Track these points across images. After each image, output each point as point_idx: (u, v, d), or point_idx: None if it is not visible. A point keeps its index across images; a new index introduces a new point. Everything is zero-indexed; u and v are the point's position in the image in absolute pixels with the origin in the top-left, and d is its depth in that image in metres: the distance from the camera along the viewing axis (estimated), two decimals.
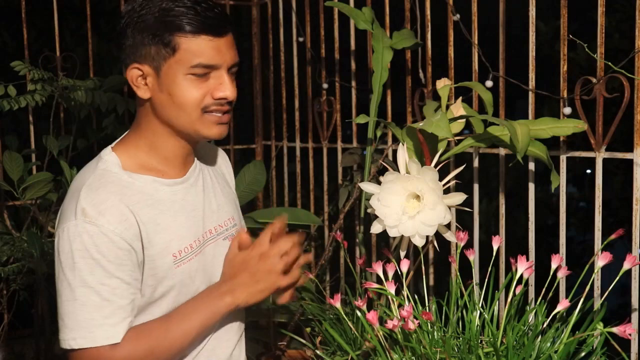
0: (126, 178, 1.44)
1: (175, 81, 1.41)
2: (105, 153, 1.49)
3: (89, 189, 1.40)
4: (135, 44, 1.41)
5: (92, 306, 1.36)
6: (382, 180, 1.55)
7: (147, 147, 1.49)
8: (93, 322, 1.36)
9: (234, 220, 1.64)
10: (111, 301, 1.37)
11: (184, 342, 1.45)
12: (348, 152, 2.41)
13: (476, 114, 1.86)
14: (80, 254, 1.36)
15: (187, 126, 1.45)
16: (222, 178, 1.69)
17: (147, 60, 1.41)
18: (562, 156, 1.88)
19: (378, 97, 1.99)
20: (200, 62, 1.40)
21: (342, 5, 2.07)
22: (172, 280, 1.46)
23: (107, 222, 1.37)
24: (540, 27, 4.53)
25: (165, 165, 1.50)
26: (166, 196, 1.48)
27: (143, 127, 1.49)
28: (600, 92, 1.77)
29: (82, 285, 1.36)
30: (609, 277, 1.56)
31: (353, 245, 2.54)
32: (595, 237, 1.81)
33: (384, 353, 1.44)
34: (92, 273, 1.36)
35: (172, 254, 1.46)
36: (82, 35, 4.23)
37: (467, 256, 1.61)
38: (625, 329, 1.33)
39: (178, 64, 1.40)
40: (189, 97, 1.42)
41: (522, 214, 4.32)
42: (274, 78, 3.05)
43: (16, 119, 3.75)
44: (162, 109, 1.44)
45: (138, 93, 1.44)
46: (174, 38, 1.39)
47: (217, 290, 1.48)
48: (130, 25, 1.41)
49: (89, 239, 1.36)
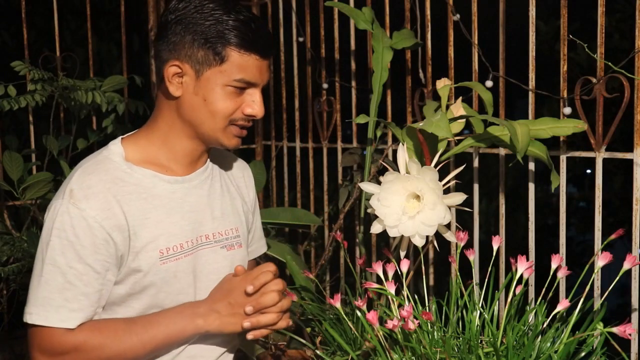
0: (125, 168, 1.46)
1: (214, 89, 1.44)
2: (114, 142, 1.51)
3: (82, 172, 1.43)
4: (183, 43, 1.43)
5: (55, 286, 1.37)
6: (382, 180, 1.55)
7: (160, 142, 1.50)
8: (52, 302, 1.37)
9: (237, 231, 1.62)
10: (75, 285, 1.37)
11: (140, 351, 1.43)
12: (348, 152, 2.41)
13: (476, 114, 1.86)
14: (57, 233, 1.37)
15: (209, 132, 1.48)
16: (236, 189, 1.68)
17: (190, 61, 1.43)
18: (562, 156, 1.88)
19: (378, 97, 1.99)
20: (244, 77, 1.44)
21: (342, 5, 2.07)
22: (156, 276, 1.45)
23: (89, 207, 1.38)
24: (540, 27, 4.53)
25: (173, 162, 1.51)
26: (164, 193, 1.49)
27: (160, 121, 1.50)
28: (600, 92, 1.77)
29: (51, 263, 1.37)
30: (609, 277, 1.56)
31: (353, 245, 2.54)
32: (595, 237, 1.81)
33: (384, 353, 1.44)
34: (64, 254, 1.37)
35: (159, 250, 1.45)
36: (82, 35, 4.24)
37: (467, 256, 1.61)
38: (625, 329, 1.32)
39: (222, 74, 1.43)
40: (222, 107, 1.45)
41: (522, 214, 4.32)
42: (274, 78, 3.05)
43: (16, 119, 3.74)
44: (191, 111, 1.46)
45: (170, 89, 1.45)
46: (226, 49, 1.42)
47: (192, 310, 1.47)
48: (182, 22, 1.42)
49: (69, 220, 1.37)
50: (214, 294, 1.50)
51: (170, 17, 1.44)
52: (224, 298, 1.47)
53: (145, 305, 1.47)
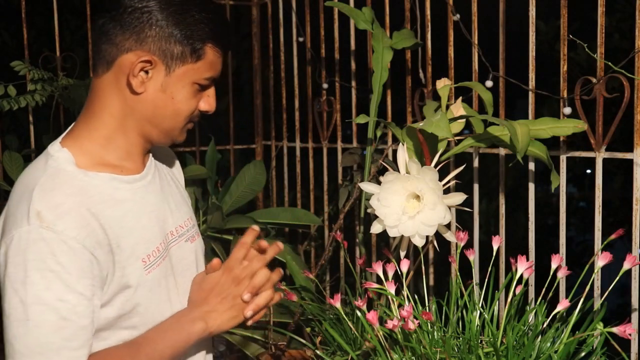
0: (82, 177, 1.30)
1: (184, 87, 1.34)
2: (55, 149, 1.32)
3: (42, 190, 1.24)
4: (156, 36, 1.30)
5: (49, 327, 1.19)
6: (382, 180, 1.55)
7: (104, 140, 1.35)
8: (50, 345, 1.19)
9: (192, 220, 1.54)
10: (71, 320, 1.20)
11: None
12: (348, 152, 2.41)
13: (476, 114, 1.86)
14: (35, 265, 1.18)
15: (168, 131, 1.38)
16: (175, 178, 1.59)
17: (163, 56, 1.31)
18: (562, 156, 1.88)
19: (378, 97, 1.98)
20: (212, 75, 1.38)
21: (342, 5, 2.07)
22: (144, 289, 1.33)
23: (67, 228, 1.21)
24: (540, 26, 4.53)
25: (124, 160, 1.37)
26: (127, 195, 1.35)
27: (105, 115, 1.34)
28: (600, 92, 1.77)
29: (37, 302, 1.18)
30: (609, 277, 1.56)
31: (353, 245, 2.54)
32: (595, 237, 1.80)
33: (384, 353, 1.44)
34: (49, 288, 1.19)
35: (142, 260, 1.33)
36: (82, 35, 4.24)
37: (467, 256, 1.61)
38: (625, 329, 1.32)
39: (194, 72, 1.34)
40: (187, 105, 1.36)
41: (522, 214, 4.32)
42: (274, 78, 3.05)
43: (16, 119, 3.75)
44: (153, 108, 1.34)
45: (132, 83, 1.31)
46: (205, 47, 1.34)
47: (188, 316, 1.37)
48: (152, 14, 1.30)
49: (46, 247, 1.19)
50: (198, 297, 1.41)
51: (137, 4, 1.30)
52: (213, 295, 1.38)
53: (138, 323, 1.34)
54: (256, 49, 3.14)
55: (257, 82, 3.16)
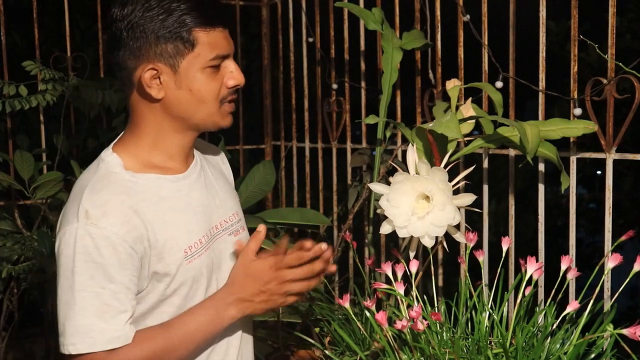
0: (129, 178, 1.43)
1: (195, 76, 1.42)
2: (106, 154, 1.48)
3: (91, 191, 1.39)
4: (148, 44, 1.39)
5: (93, 311, 1.34)
6: (391, 181, 1.55)
7: (149, 146, 1.48)
8: (93, 327, 1.34)
9: (238, 215, 1.63)
10: (112, 306, 1.35)
11: (184, 352, 1.44)
12: (357, 153, 2.41)
13: (486, 115, 1.86)
14: (82, 257, 1.34)
15: (206, 119, 1.47)
16: (221, 175, 1.68)
17: (162, 59, 1.40)
18: (572, 157, 1.87)
19: (387, 98, 1.98)
20: (218, 53, 1.43)
21: (352, 5, 2.07)
22: (184, 276, 1.45)
23: (110, 224, 1.35)
24: (550, 27, 4.52)
25: (169, 161, 1.49)
26: (170, 193, 1.47)
27: (144, 126, 1.48)
28: (611, 93, 1.76)
29: (83, 289, 1.34)
30: (619, 278, 1.56)
31: (362, 246, 2.54)
32: (605, 238, 1.80)
33: (393, 353, 1.44)
34: (93, 277, 1.34)
35: (184, 250, 1.45)
36: (92, 35, 4.25)
37: (476, 257, 1.61)
38: (636, 330, 1.32)
39: (197, 59, 1.41)
40: (209, 90, 1.44)
41: (531, 215, 4.31)
42: (283, 78, 3.06)
43: (27, 118, 3.76)
44: (179, 106, 1.44)
45: (152, 93, 1.42)
46: (192, 33, 1.39)
47: (224, 300, 1.47)
48: (137, 26, 1.39)
49: (91, 242, 1.34)
50: (240, 281, 1.48)
51: (121, 25, 1.40)
52: (253, 285, 1.46)
53: (177, 306, 1.46)
54: (266, 50, 3.14)
55: (266, 82, 3.16)
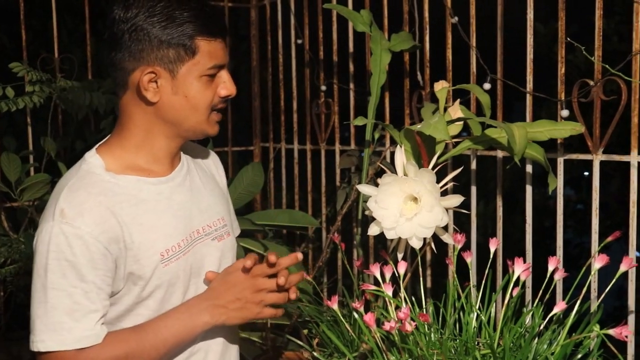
0: (109, 179, 1.44)
1: (192, 83, 1.44)
2: (89, 155, 1.49)
3: (69, 190, 1.41)
4: (150, 48, 1.41)
5: (63, 309, 1.35)
6: (379, 182, 1.55)
7: (135, 148, 1.49)
8: (63, 325, 1.35)
9: (224, 220, 1.63)
10: (83, 305, 1.36)
11: (157, 354, 1.44)
12: (346, 154, 2.41)
13: (474, 116, 1.86)
14: (54, 256, 1.35)
15: (195, 126, 1.49)
16: (211, 179, 1.69)
17: (162, 63, 1.42)
18: (560, 158, 1.88)
19: (376, 99, 1.99)
20: (215, 63, 1.46)
21: (341, 7, 2.07)
22: (160, 280, 1.46)
23: (84, 224, 1.36)
24: (538, 29, 4.53)
25: (153, 164, 1.50)
26: (151, 195, 1.48)
27: (133, 128, 1.49)
28: (598, 95, 1.77)
29: (54, 287, 1.35)
30: (606, 279, 1.56)
31: (350, 247, 2.54)
32: (592, 239, 1.81)
33: (381, 355, 1.44)
34: (65, 276, 1.35)
35: (160, 253, 1.45)
36: (79, 36, 4.23)
37: (464, 258, 1.62)
38: (622, 331, 1.33)
39: (196, 66, 1.44)
40: (203, 98, 1.46)
41: (519, 216, 4.32)
42: (272, 80, 3.05)
43: (14, 120, 3.74)
44: (173, 111, 1.46)
45: (147, 96, 1.44)
46: (194, 41, 1.42)
47: (198, 305, 1.48)
48: (139, 29, 1.41)
49: (64, 241, 1.35)
50: (217, 287, 1.49)
51: (124, 26, 1.42)
52: (229, 292, 1.48)
53: (153, 309, 1.47)
54: (254, 51, 3.14)
55: (255, 84, 3.16)
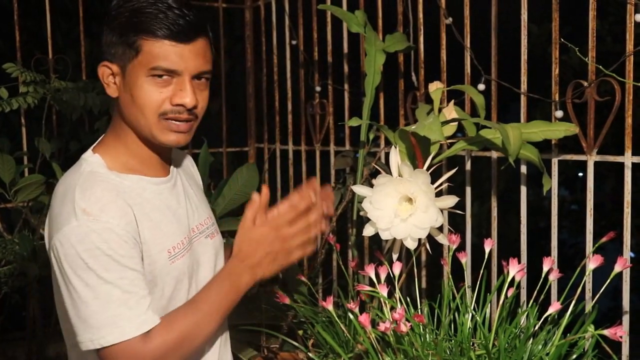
0: (114, 177, 1.44)
1: (137, 82, 1.41)
2: (88, 155, 1.49)
3: (82, 190, 1.39)
4: (108, 43, 1.43)
5: (116, 301, 1.35)
6: (374, 183, 1.55)
7: (124, 149, 1.49)
8: (120, 316, 1.35)
9: (211, 219, 1.66)
10: (133, 292, 1.36)
11: (214, 323, 1.46)
12: (341, 155, 2.41)
13: (468, 117, 1.86)
14: (91, 254, 1.34)
15: (145, 129, 1.45)
16: (194, 180, 1.71)
17: (115, 59, 1.43)
18: (554, 159, 1.89)
19: (371, 100, 1.99)
20: (160, 65, 1.40)
21: (335, 8, 2.07)
22: (168, 276, 1.47)
23: (111, 218, 1.36)
24: (532, 30, 4.55)
25: (145, 165, 1.51)
26: (152, 195, 1.49)
27: (117, 128, 1.50)
28: (592, 96, 1.78)
29: (102, 283, 1.34)
30: (601, 279, 1.57)
31: (345, 248, 2.54)
32: (587, 240, 1.81)
33: (376, 356, 1.44)
34: (108, 269, 1.34)
35: (167, 250, 1.46)
36: (73, 37, 4.22)
37: (459, 259, 1.62)
38: (616, 331, 1.33)
39: (140, 65, 1.40)
40: (147, 99, 1.41)
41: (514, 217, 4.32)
42: (267, 81, 3.05)
43: (8, 121, 3.73)
44: (126, 109, 1.45)
45: (108, 91, 1.46)
46: (137, 39, 1.39)
47: (235, 269, 1.48)
48: (109, 23, 1.42)
49: (98, 237, 1.34)
50: (245, 248, 1.48)
51: (106, 17, 1.44)
52: (259, 250, 1.47)
53: (161, 307, 1.46)
54: (249, 52, 3.14)
55: (250, 84, 3.16)
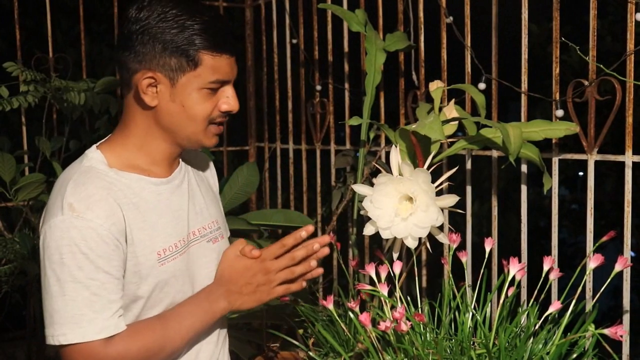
0: (112, 175, 1.45)
1: (191, 94, 1.45)
2: (91, 151, 1.50)
3: (75, 184, 1.41)
4: (153, 53, 1.42)
5: (82, 301, 1.36)
6: (374, 182, 1.55)
7: (136, 148, 1.50)
8: (84, 317, 1.36)
9: (217, 223, 1.66)
10: (101, 296, 1.37)
11: (180, 342, 1.47)
12: (341, 154, 2.41)
13: (469, 116, 1.86)
14: (69, 249, 1.36)
15: (191, 136, 1.49)
16: (205, 183, 1.71)
17: (163, 70, 1.43)
18: (555, 158, 1.89)
19: (371, 99, 1.99)
20: (218, 78, 1.46)
21: (336, 7, 2.07)
22: (156, 279, 1.47)
23: (96, 217, 1.37)
24: (532, 29, 4.55)
25: (152, 165, 1.52)
26: (151, 195, 1.49)
27: (134, 128, 1.50)
28: (592, 95, 1.78)
29: (71, 280, 1.36)
30: (601, 279, 1.57)
31: (346, 247, 2.54)
32: (587, 239, 1.81)
33: (377, 355, 1.44)
34: (81, 268, 1.36)
35: (157, 252, 1.47)
36: (73, 36, 4.22)
37: (459, 258, 1.62)
38: (617, 330, 1.33)
39: (197, 78, 1.44)
40: (201, 110, 1.46)
41: (514, 216, 4.33)
42: (267, 80, 3.05)
43: (8, 120, 3.74)
44: (170, 118, 1.47)
45: (145, 100, 1.45)
46: (198, 54, 1.42)
47: (215, 292, 1.52)
48: (148, 32, 1.41)
49: (78, 234, 1.36)
50: (229, 273, 1.53)
51: (134, 27, 1.42)
52: (241, 278, 1.51)
53: (142, 307, 1.47)
54: (249, 51, 3.14)
55: (250, 84, 3.16)
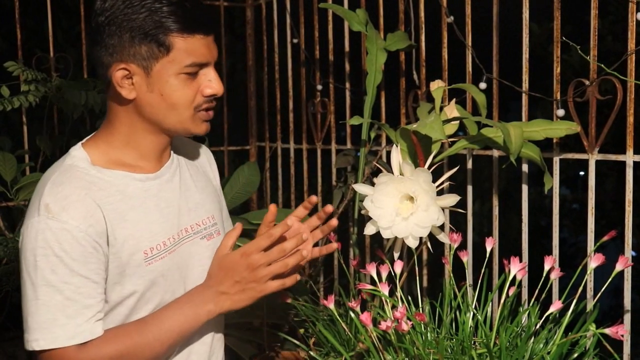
0: (94, 173, 1.40)
1: (168, 81, 1.38)
2: (74, 149, 1.45)
3: (52, 184, 1.36)
4: (122, 43, 1.36)
5: (55, 306, 1.32)
6: (375, 182, 1.55)
7: (122, 144, 1.45)
8: (56, 322, 1.32)
9: (213, 219, 1.59)
10: (75, 300, 1.33)
11: (159, 349, 1.41)
12: (342, 154, 2.41)
13: (470, 116, 1.86)
14: (43, 252, 1.31)
15: (176, 125, 1.43)
16: (203, 176, 1.65)
17: (135, 60, 1.36)
18: (555, 158, 1.88)
19: (372, 99, 1.99)
20: (194, 61, 1.38)
21: (336, 7, 2.07)
22: (143, 278, 1.42)
23: (71, 218, 1.32)
24: (533, 29, 4.54)
25: (140, 160, 1.46)
26: (137, 192, 1.44)
27: (118, 124, 1.44)
28: (593, 94, 1.77)
29: (45, 284, 1.31)
30: (602, 278, 1.57)
31: (347, 247, 2.54)
32: (588, 238, 1.81)
33: (378, 354, 1.44)
34: (55, 271, 1.31)
35: (143, 251, 1.41)
36: (74, 35, 4.22)
37: (460, 257, 1.62)
38: (618, 330, 1.33)
39: (171, 64, 1.37)
40: (181, 96, 1.40)
41: (515, 216, 4.33)
42: (268, 79, 3.05)
43: (9, 119, 3.73)
44: (151, 109, 1.41)
45: (122, 93, 1.39)
46: (168, 37, 1.35)
47: (201, 295, 1.44)
48: (114, 22, 1.35)
49: (52, 236, 1.31)
50: (215, 274, 1.45)
51: (100, 19, 1.36)
52: (227, 277, 1.43)
53: (131, 308, 1.43)
54: (250, 51, 3.14)
55: (251, 83, 3.16)
